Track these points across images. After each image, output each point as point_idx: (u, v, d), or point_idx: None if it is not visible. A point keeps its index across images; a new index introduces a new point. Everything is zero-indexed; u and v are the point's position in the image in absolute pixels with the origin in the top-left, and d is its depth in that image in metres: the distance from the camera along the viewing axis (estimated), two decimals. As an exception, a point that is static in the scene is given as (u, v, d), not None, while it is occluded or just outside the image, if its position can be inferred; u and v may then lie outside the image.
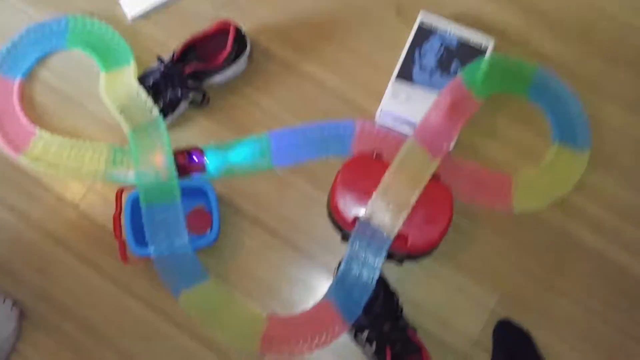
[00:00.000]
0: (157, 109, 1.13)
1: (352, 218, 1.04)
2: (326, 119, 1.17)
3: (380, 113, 1.15)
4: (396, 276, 1.10)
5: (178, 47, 1.15)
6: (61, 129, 1.19)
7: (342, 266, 1.06)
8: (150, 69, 1.17)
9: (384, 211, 1.02)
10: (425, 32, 1.17)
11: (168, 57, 1.15)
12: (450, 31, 1.17)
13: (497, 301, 1.09)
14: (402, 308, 1.06)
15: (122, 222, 1.10)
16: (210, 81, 1.18)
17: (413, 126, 1.13)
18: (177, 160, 1.13)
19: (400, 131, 1.15)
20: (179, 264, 1.09)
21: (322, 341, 1.05)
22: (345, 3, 1.26)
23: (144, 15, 1.26)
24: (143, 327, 1.13)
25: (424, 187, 1.04)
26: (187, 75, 1.14)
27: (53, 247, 1.16)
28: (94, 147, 1.16)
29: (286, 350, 1.06)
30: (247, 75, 1.21)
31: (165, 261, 1.08)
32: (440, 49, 1.16)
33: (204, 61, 1.16)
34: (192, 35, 1.16)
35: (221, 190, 1.15)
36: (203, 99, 1.18)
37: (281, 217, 1.16)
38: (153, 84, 1.14)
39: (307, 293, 1.13)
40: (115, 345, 1.12)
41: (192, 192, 1.13)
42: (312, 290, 1.13)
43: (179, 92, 1.14)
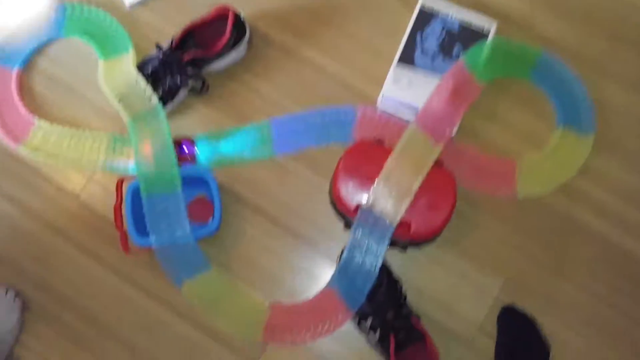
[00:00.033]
0: (157, 97, 1.13)
1: (355, 205, 1.04)
2: (327, 105, 1.16)
3: (381, 98, 1.14)
4: (399, 263, 1.10)
5: (176, 34, 1.14)
6: (60, 119, 1.19)
7: (345, 254, 1.05)
8: (148, 57, 1.16)
9: (387, 198, 1.02)
10: (426, 16, 1.16)
11: (166, 45, 1.14)
12: (451, 14, 1.15)
13: (501, 287, 1.09)
14: (406, 295, 1.06)
15: (123, 213, 1.09)
16: (209, 68, 1.17)
17: (415, 111, 1.12)
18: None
19: (402, 116, 1.14)
20: (181, 254, 1.09)
21: (326, 329, 1.05)
22: (344, -13, 1.25)
23: (142, 2, 1.24)
24: (144, 317, 1.13)
25: (427, 174, 1.03)
26: (186, 62, 1.13)
27: (53, 238, 1.16)
28: (94, 137, 1.15)
29: (289, 338, 1.06)
30: (247, 61, 1.21)
31: (166, 251, 1.08)
32: (442, 33, 1.15)
33: (203, 48, 1.15)
34: (191, 21, 1.14)
35: (222, 178, 1.14)
36: (202, 86, 1.17)
37: (283, 205, 1.15)
38: (152, 72, 1.13)
39: (310, 281, 1.12)
40: (116, 335, 1.12)
41: (193, 181, 1.12)
42: (315, 278, 1.12)
43: (178, 80, 1.14)
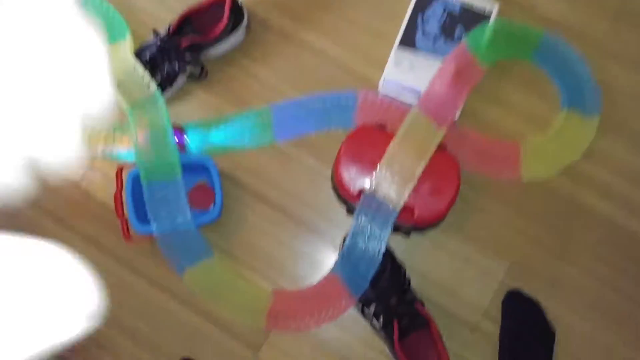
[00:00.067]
0: (155, 84, 1.11)
1: (357, 191, 1.03)
2: (327, 90, 1.15)
3: (383, 82, 1.13)
4: (403, 248, 1.09)
5: (174, 20, 1.13)
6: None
7: (348, 240, 1.04)
8: (146, 43, 1.14)
9: (390, 183, 1.01)
10: (427, -3, 1.15)
11: (164, 31, 1.13)
12: (453, -4, 1.14)
13: (506, 271, 1.08)
14: (410, 281, 1.05)
15: (124, 200, 1.08)
16: (207, 54, 1.16)
17: (417, 94, 1.10)
18: None
19: (404, 100, 1.13)
20: (182, 241, 1.08)
21: (329, 316, 1.04)
22: (343, -31, 1.23)
23: (139, -13, 1.23)
24: (146, 304, 1.12)
25: (430, 158, 1.02)
26: (184, 48, 1.12)
27: (53, 226, 1.15)
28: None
29: (292, 325, 1.05)
30: (245, 46, 1.19)
31: (168, 239, 1.07)
32: (443, 15, 1.13)
33: (201, 33, 1.14)
34: (188, 7, 1.13)
35: (223, 165, 1.13)
36: (201, 72, 1.16)
37: (285, 191, 1.14)
38: (150, 58, 1.12)
39: (313, 267, 1.12)
40: (117, 321, 1.11)
41: (194, 168, 1.11)
42: (318, 264, 1.12)
43: (176, 66, 1.13)
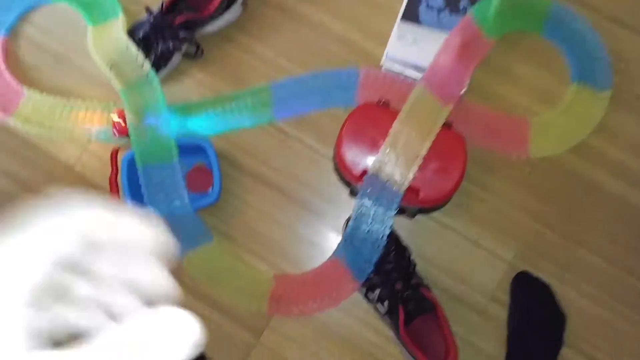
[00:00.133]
0: (149, 63, 1.08)
1: (360, 171, 1.00)
2: (328, 67, 1.12)
3: (385, 57, 1.10)
4: (407, 231, 1.07)
5: (167, -3, 1.09)
6: (50, 88, 1.14)
7: (351, 222, 1.02)
8: (139, 22, 1.11)
9: (394, 163, 0.98)
10: (431, -32, 1.10)
11: (157, 8, 1.10)
12: (458, -34, 1.10)
13: (515, 253, 1.06)
14: (415, 264, 1.03)
15: (119, 184, 1.06)
16: (203, 31, 1.13)
17: (422, 70, 1.07)
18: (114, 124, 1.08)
19: (408, 76, 1.10)
20: (181, 226, 1.05)
21: (332, 300, 1.03)
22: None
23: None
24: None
25: (435, 136, 0.99)
26: (178, 26, 1.09)
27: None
28: (86, 106, 1.11)
29: (294, 310, 1.04)
30: (242, 22, 1.16)
31: (166, 223, 1.04)
32: (448, -14, 1.10)
33: (195, 10, 1.10)
34: (182, -18, 1.10)
35: (222, 145, 1.11)
36: (197, 51, 1.13)
37: (285, 173, 1.12)
38: (143, 37, 1.09)
39: (315, 251, 1.10)
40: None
41: (191, 150, 1.09)
42: (320, 248, 1.10)
43: (171, 45, 1.09)
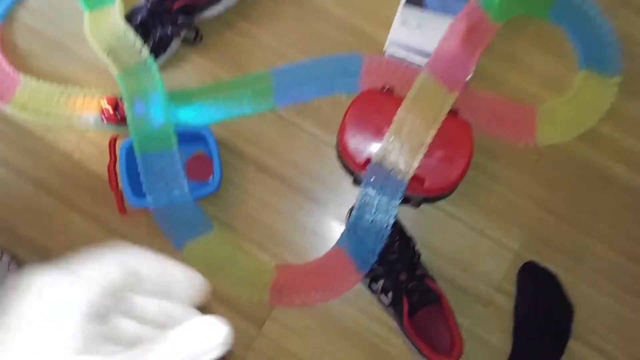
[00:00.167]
0: (147, 49, 1.06)
1: (364, 160, 0.98)
2: (330, 52, 1.10)
3: (388, 43, 1.08)
4: (412, 220, 1.05)
5: (165, -20, 1.07)
6: (47, 75, 1.12)
7: (355, 212, 1.00)
8: (137, 7, 1.09)
9: (398, 151, 0.96)
10: (436, -50, 1.08)
11: (155, -8, 1.07)
12: (463, -52, 1.08)
13: (521, 243, 1.05)
14: (420, 254, 1.01)
15: (118, 172, 1.04)
16: (202, 16, 1.11)
17: (426, 55, 1.05)
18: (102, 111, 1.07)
19: (412, 62, 1.08)
20: (181, 215, 1.04)
21: (335, 292, 1.01)
22: None
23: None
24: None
25: (441, 124, 0.97)
26: (177, 10, 1.06)
27: (47, 199, 1.11)
28: (84, 93, 1.10)
29: (297, 300, 1.02)
30: (242, 6, 1.13)
31: (165, 212, 1.03)
32: (452, -31, 1.07)
33: (194, -6, 1.08)
34: (180, -35, 1.07)
35: (222, 133, 1.09)
36: (196, 36, 1.11)
37: (287, 161, 1.10)
38: (141, 23, 1.07)
39: (318, 241, 1.08)
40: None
41: (191, 137, 1.06)
42: (323, 237, 1.08)
43: (169, 30, 1.07)
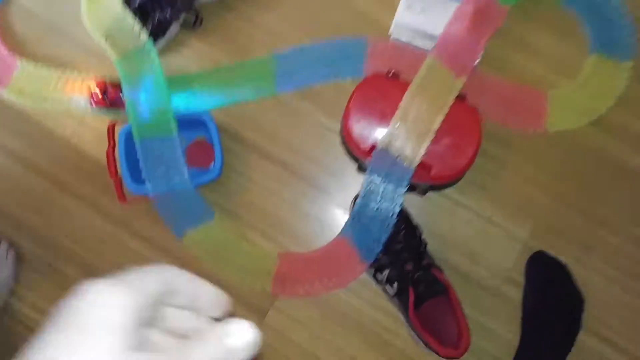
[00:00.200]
0: (146, 33, 1.03)
1: (369, 146, 0.96)
2: (334, 36, 1.07)
3: (394, 26, 1.05)
4: (418, 209, 1.03)
5: (164, -39, 1.04)
6: (45, 59, 1.10)
7: (359, 200, 0.98)
8: (135, -11, 1.06)
9: (404, 138, 0.94)
10: None
11: (154, -26, 1.05)
12: None
13: (530, 232, 1.03)
14: (426, 243, 0.99)
15: (117, 159, 1.02)
16: (202, -1, 1.08)
17: (433, 39, 1.03)
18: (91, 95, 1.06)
19: (418, 46, 1.05)
20: (182, 203, 1.02)
21: (339, 282, 1.00)
22: None
23: None
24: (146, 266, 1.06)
25: (448, 110, 0.95)
26: (176, -8, 1.04)
27: (45, 185, 1.09)
28: (82, 78, 1.08)
29: (300, 290, 1.01)
30: (243, -12, 1.11)
31: (165, 200, 1.01)
32: (460, -50, 1.04)
33: (194, -24, 1.06)
34: (179, -54, 1.05)
35: (223, 119, 1.07)
36: (196, 20, 1.09)
37: (290, 147, 1.08)
38: (139, 6, 1.04)
39: (321, 229, 1.06)
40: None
41: (191, 123, 1.04)
42: (327, 225, 1.06)
43: (168, 13, 1.05)
